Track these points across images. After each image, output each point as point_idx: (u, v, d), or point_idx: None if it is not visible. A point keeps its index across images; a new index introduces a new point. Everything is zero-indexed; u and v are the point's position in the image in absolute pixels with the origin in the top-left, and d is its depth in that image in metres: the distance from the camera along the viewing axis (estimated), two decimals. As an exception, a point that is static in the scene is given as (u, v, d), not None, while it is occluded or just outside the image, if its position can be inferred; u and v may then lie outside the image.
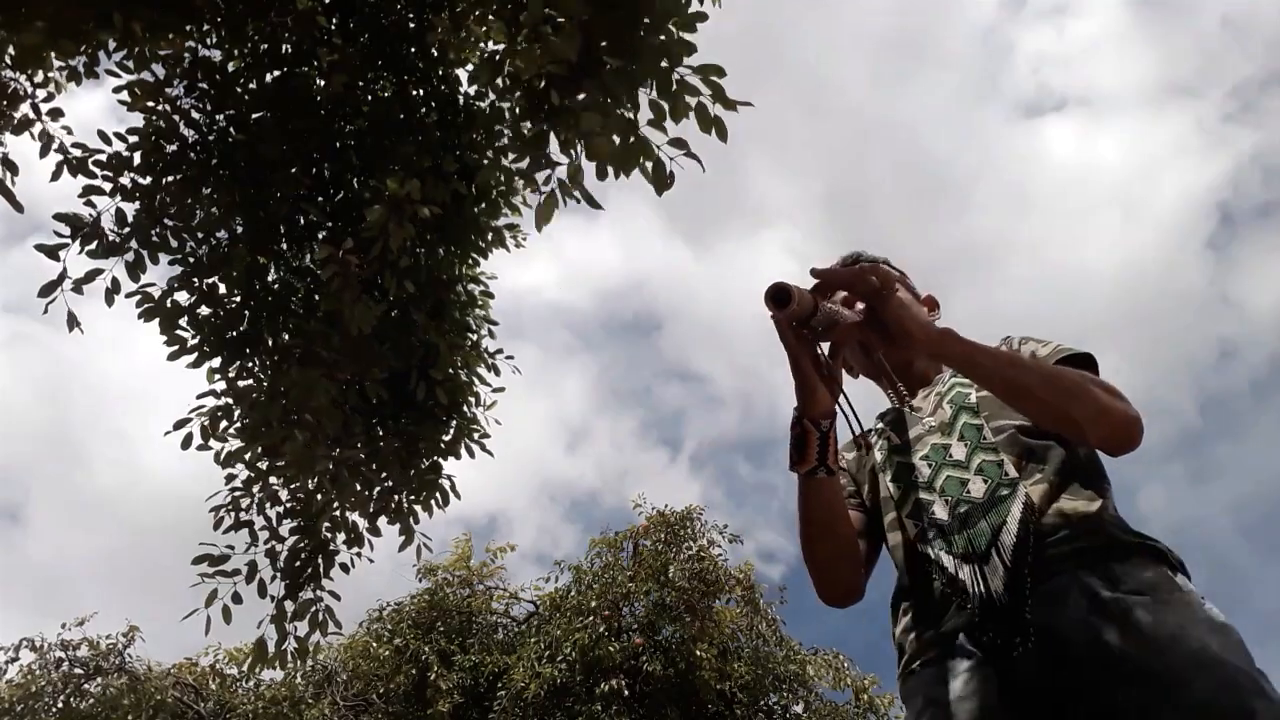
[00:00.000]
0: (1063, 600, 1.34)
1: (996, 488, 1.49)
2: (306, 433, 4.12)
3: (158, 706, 11.34)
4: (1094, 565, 1.37)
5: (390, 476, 4.62)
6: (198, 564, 4.33)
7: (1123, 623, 1.29)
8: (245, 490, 4.59)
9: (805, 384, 1.51)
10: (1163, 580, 1.36)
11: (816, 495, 1.58)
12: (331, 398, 4.10)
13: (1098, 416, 1.46)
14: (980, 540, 1.46)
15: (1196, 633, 1.27)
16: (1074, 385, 1.47)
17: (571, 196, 3.58)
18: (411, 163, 4.13)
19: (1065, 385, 1.47)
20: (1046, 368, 1.53)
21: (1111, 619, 1.30)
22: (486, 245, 4.64)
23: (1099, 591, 1.33)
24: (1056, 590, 1.36)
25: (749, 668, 11.19)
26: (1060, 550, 1.40)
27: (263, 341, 4.41)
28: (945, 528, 1.50)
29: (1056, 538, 1.41)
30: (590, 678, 10.63)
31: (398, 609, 12.57)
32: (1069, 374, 1.50)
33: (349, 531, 4.66)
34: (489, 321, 4.82)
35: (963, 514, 1.49)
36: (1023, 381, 1.48)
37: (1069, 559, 1.38)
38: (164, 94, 4.38)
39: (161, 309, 4.31)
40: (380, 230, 3.71)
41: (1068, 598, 1.34)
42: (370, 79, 4.53)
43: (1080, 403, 1.46)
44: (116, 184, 4.21)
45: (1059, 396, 1.47)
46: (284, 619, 4.55)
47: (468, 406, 4.71)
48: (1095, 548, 1.40)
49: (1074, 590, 1.34)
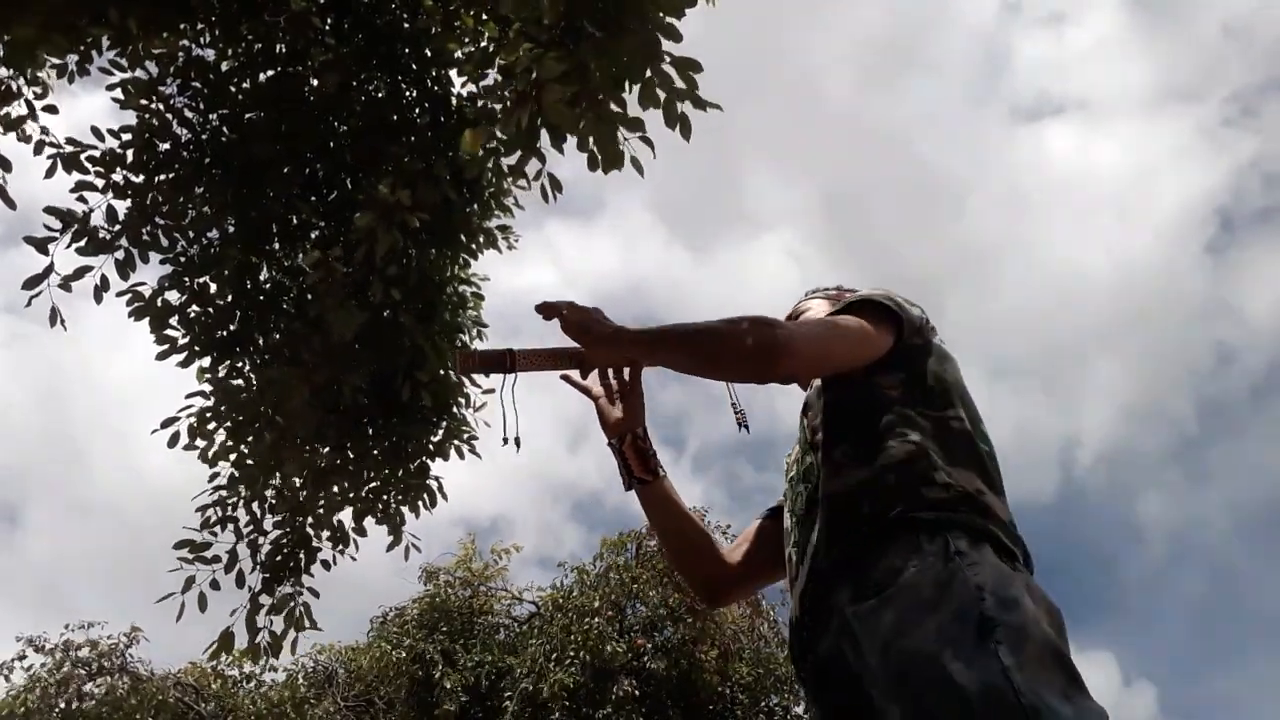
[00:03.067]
0: (826, 620, 1.31)
1: (812, 492, 1.45)
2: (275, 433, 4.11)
3: (159, 707, 11.35)
4: (849, 569, 1.30)
5: (377, 477, 4.60)
6: (179, 549, 4.33)
7: (854, 641, 1.23)
8: (231, 488, 4.58)
9: (598, 413, 1.68)
10: (906, 565, 1.23)
11: (646, 505, 1.68)
12: (305, 399, 4.09)
13: (741, 357, 1.40)
14: (794, 557, 1.46)
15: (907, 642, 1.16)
16: (713, 340, 1.41)
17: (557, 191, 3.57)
18: (403, 164, 4.12)
19: (708, 346, 1.43)
20: (693, 332, 1.45)
21: (849, 637, 1.24)
22: (478, 246, 4.63)
23: (844, 607, 1.27)
24: (823, 609, 1.32)
25: (750, 669, 11.19)
26: (830, 558, 1.34)
27: (253, 341, 4.41)
28: (793, 546, 1.50)
29: (828, 544, 1.35)
30: (600, 680, 10.63)
31: (401, 612, 12.57)
32: (707, 330, 1.42)
33: (334, 530, 4.65)
34: (480, 324, 4.81)
35: (798, 531, 1.48)
36: (684, 355, 1.48)
37: (834, 571, 1.32)
38: (157, 93, 4.39)
39: (152, 308, 4.31)
40: (367, 235, 3.69)
41: (830, 618, 1.30)
42: (363, 80, 4.52)
43: (723, 351, 1.41)
44: (109, 181, 4.22)
45: (709, 355, 1.45)
46: (256, 612, 4.53)
47: (457, 408, 4.69)
48: (852, 547, 1.31)
49: (835, 608, 1.29)
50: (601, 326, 1.49)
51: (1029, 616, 1.15)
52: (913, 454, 1.34)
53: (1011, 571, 1.24)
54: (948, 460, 1.35)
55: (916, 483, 1.32)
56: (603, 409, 1.68)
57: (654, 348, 1.50)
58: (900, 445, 1.36)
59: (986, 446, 1.44)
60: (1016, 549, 1.31)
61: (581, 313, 1.50)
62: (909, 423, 1.39)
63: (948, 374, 1.49)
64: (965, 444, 1.40)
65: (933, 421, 1.40)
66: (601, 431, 1.69)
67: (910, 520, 1.28)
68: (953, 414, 1.43)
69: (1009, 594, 1.17)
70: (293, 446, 4.22)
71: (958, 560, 1.21)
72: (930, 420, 1.40)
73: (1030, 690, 1.06)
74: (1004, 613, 1.14)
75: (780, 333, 1.40)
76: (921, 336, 1.50)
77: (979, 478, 1.37)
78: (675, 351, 1.49)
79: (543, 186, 3.90)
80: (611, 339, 1.49)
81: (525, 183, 4.12)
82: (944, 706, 1.09)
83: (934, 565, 1.21)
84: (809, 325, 1.49)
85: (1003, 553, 1.27)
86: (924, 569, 1.22)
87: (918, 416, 1.40)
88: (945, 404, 1.44)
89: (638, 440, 1.67)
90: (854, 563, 1.29)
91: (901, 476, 1.33)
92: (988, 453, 1.43)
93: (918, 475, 1.33)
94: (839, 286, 1.76)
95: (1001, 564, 1.24)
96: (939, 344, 1.53)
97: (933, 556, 1.23)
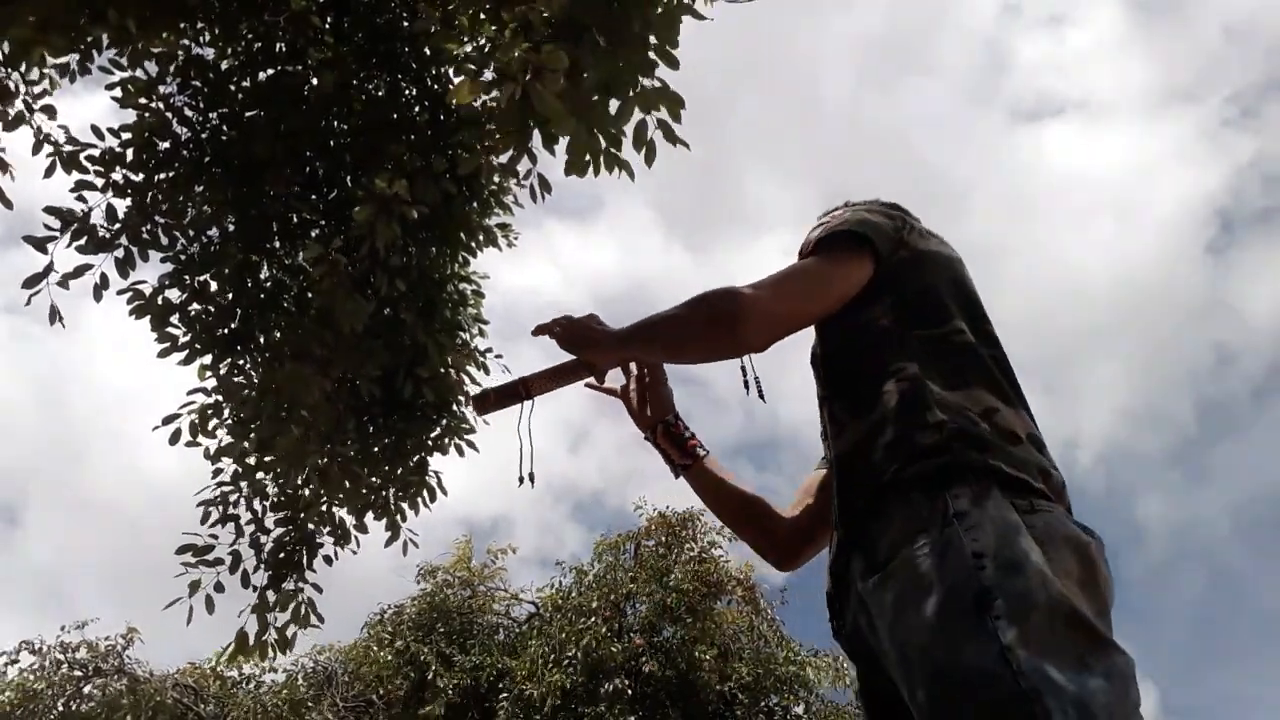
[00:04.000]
0: (847, 593, 1.28)
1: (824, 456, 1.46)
2: (300, 429, 4.12)
3: (157, 708, 11.33)
4: (858, 541, 1.25)
5: (376, 473, 4.61)
6: (181, 554, 4.34)
7: (870, 621, 1.20)
8: (233, 485, 4.59)
9: (628, 411, 1.70)
10: (906, 533, 1.16)
11: (695, 488, 1.67)
12: (325, 394, 4.10)
13: (704, 336, 1.38)
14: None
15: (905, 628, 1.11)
16: (673, 325, 1.41)
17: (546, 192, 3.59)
18: (402, 162, 4.13)
19: (671, 333, 1.43)
20: (657, 322, 1.43)
21: (866, 614, 1.22)
22: (478, 244, 4.64)
23: (856, 580, 1.24)
24: (844, 582, 1.29)
25: (750, 668, 11.17)
26: (845, 527, 1.29)
27: (253, 339, 4.42)
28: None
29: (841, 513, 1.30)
30: (594, 679, 10.63)
31: (398, 612, 12.57)
32: (667, 317, 1.41)
33: (335, 527, 4.66)
34: (480, 321, 4.83)
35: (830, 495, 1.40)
36: (660, 346, 1.49)
37: (850, 542, 1.28)
38: (157, 92, 4.40)
39: (152, 306, 4.32)
40: (368, 228, 3.70)
41: (850, 591, 1.27)
42: (363, 78, 4.53)
43: (687, 334, 1.40)
44: (108, 180, 4.23)
45: (678, 341, 1.44)
46: (265, 608, 4.55)
47: (456, 405, 4.70)
48: (858, 517, 1.26)
49: (851, 580, 1.27)
50: (590, 336, 1.51)
51: (1035, 578, 1.06)
52: (906, 393, 1.26)
53: (1018, 519, 1.13)
54: (949, 384, 1.26)
55: (912, 429, 1.23)
56: (630, 406, 1.70)
57: (628, 345, 1.51)
58: (894, 386, 1.27)
59: (994, 350, 1.34)
60: (1031, 476, 1.19)
61: (572, 326, 1.52)
62: (904, 353, 1.30)
63: (940, 279, 1.39)
64: (970, 357, 1.31)
65: (930, 342, 1.31)
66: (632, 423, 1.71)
67: (905, 482, 1.20)
68: (952, 326, 1.33)
69: (1013, 554, 1.08)
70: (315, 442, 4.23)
71: (955, 525, 1.12)
72: (927, 342, 1.31)
73: (1034, 669, 0.99)
74: (1005, 578, 1.06)
75: (735, 304, 1.33)
76: (905, 248, 1.40)
77: (989, 391, 1.27)
78: (646, 346, 1.51)
79: (532, 187, 3.93)
80: (599, 345, 1.51)
81: (517, 180, 4.15)
82: (944, 700, 1.04)
83: (931, 535, 1.14)
84: (766, 285, 1.37)
85: (1012, 488, 1.16)
86: (920, 541, 1.14)
87: (914, 340, 1.31)
88: (942, 316, 1.34)
89: (670, 428, 1.67)
90: (863, 533, 1.24)
91: (897, 426, 1.24)
92: (995, 357, 1.33)
93: (913, 420, 1.24)
94: (846, 202, 1.60)
95: (1007, 514, 1.13)
96: (926, 247, 1.43)
97: (930, 525, 1.14)
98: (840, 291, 1.37)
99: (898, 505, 1.20)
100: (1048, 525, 1.14)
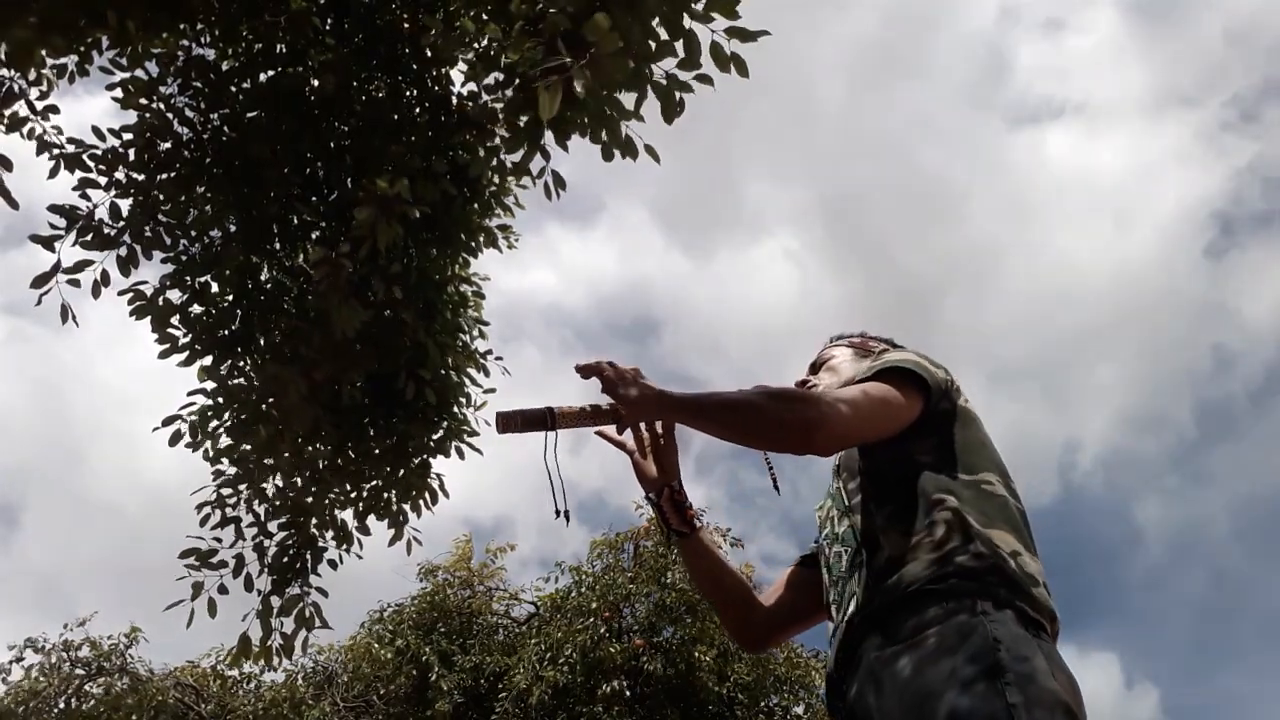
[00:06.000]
0: (854, 669, 1.40)
1: (854, 555, 1.52)
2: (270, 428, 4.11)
3: (159, 707, 11.35)
4: (882, 623, 1.38)
5: (378, 475, 4.61)
6: (184, 557, 4.33)
7: (878, 684, 1.33)
8: (233, 487, 4.59)
9: (634, 467, 1.75)
10: (935, 618, 1.33)
11: (685, 557, 1.76)
12: (302, 396, 4.08)
13: (778, 431, 1.47)
14: (834, 612, 1.54)
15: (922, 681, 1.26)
16: (753, 414, 1.47)
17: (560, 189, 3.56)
18: (403, 163, 4.12)
19: (749, 420, 1.48)
20: (734, 403, 1.50)
21: (873, 680, 1.34)
22: (478, 245, 4.64)
23: (870, 653, 1.37)
24: (853, 659, 1.41)
25: (749, 669, 11.15)
26: (864, 614, 1.42)
27: (254, 340, 4.41)
28: (831, 604, 1.56)
29: (864, 605, 1.43)
30: (591, 679, 10.62)
31: (398, 610, 12.56)
32: (747, 403, 1.48)
33: (337, 529, 4.66)
34: (480, 322, 4.82)
35: (837, 589, 1.54)
36: (722, 425, 1.51)
37: (867, 624, 1.41)
38: (157, 93, 4.39)
39: (153, 306, 4.32)
40: (369, 229, 3.70)
41: (859, 666, 1.39)
42: (363, 79, 4.53)
43: (761, 424, 1.47)
44: (111, 179, 4.22)
45: (747, 428, 1.50)
46: (269, 614, 4.53)
47: (458, 407, 4.70)
48: (888, 604, 1.39)
49: (863, 655, 1.39)
50: (643, 390, 1.52)
51: (1042, 675, 1.23)
52: (950, 522, 1.42)
53: (1032, 639, 1.30)
54: (984, 523, 1.42)
55: (952, 552, 1.39)
56: (638, 464, 1.75)
57: (695, 415, 1.53)
58: (939, 513, 1.43)
59: (1019, 504, 1.52)
60: (1043, 618, 1.37)
61: (621, 374, 1.54)
62: (946, 489, 1.46)
63: (976, 437, 1.57)
64: (1000, 505, 1.48)
65: (968, 487, 1.48)
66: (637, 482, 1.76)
67: (941, 592, 1.35)
68: (985, 478, 1.50)
69: (1026, 652, 1.25)
70: (294, 445, 4.21)
71: (981, 616, 1.30)
72: (965, 485, 1.48)
73: None
74: (1018, 664, 1.23)
75: (816, 412, 1.46)
76: (949, 400, 1.57)
77: (1014, 538, 1.44)
78: (716, 421, 1.52)
79: (546, 184, 3.90)
80: (653, 403, 1.53)
81: (529, 180, 4.12)
82: None
83: (959, 618, 1.31)
84: (843, 400, 1.51)
85: (1026, 623, 1.33)
86: (949, 621, 1.31)
87: (953, 482, 1.48)
88: (978, 468, 1.52)
89: (674, 494, 1.73)
90: (889, 616, 1.38)
91: (939, 546, 1.40)
92: (1020, 510, 1.51)
93: (954, 544, 1.40)
94: (863, 334, 1.86)
95: (1024, 631, 1.31)
96: (964, 405, 1.60)
97: (959, 612, 1.31)
98: (900, 424, 1.53)
99: (931, 603, 1.35)
100: (1052, 653, 1.33)
